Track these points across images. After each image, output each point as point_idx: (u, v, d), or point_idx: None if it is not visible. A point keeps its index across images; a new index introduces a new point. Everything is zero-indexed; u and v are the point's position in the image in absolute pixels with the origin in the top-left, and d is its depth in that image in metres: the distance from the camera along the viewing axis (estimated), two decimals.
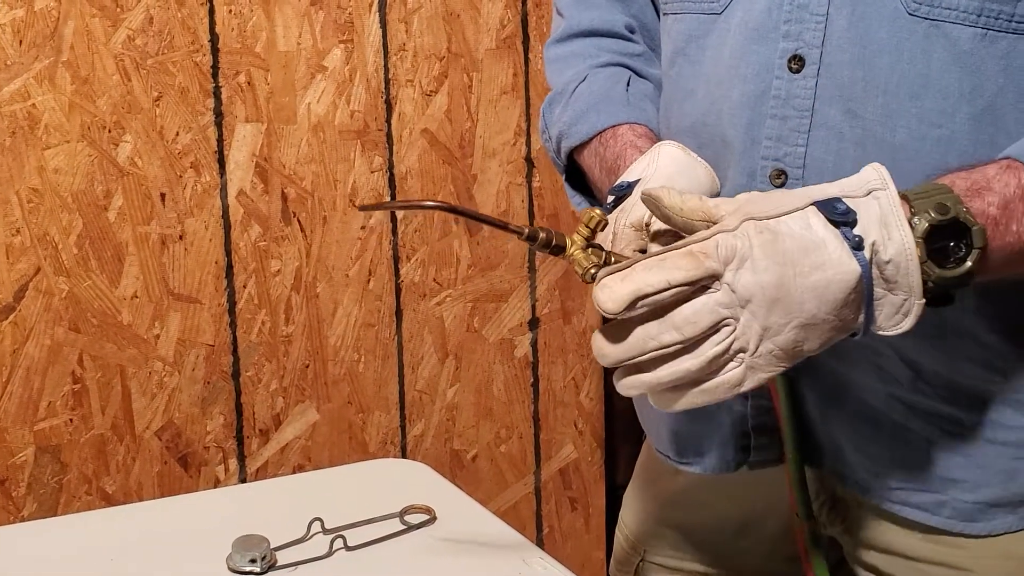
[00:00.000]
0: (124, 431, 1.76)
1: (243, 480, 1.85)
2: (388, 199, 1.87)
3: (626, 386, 0.85)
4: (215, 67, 1.74)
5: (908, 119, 0.93)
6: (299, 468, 1.88)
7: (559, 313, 2.03)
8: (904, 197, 0.86)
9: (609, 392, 2.11)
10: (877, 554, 1.07)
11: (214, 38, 1.74)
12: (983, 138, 0.93)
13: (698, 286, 0.82)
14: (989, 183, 0.87)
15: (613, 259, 0.89)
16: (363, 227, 1.86)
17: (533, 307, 2.02)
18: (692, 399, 0.85)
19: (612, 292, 0.82)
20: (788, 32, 0.97)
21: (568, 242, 0.89)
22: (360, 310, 1.89)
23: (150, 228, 1.74)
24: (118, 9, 1.67)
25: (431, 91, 1.88)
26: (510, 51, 1.92)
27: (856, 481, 1.04)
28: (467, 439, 2.00)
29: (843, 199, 0.85)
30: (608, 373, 2.10)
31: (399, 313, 1.92)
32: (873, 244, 0.83)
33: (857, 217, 0.84)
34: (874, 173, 0.87)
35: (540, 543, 2.06)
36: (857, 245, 0.83)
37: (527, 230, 0.89)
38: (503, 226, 0.90)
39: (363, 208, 0.96)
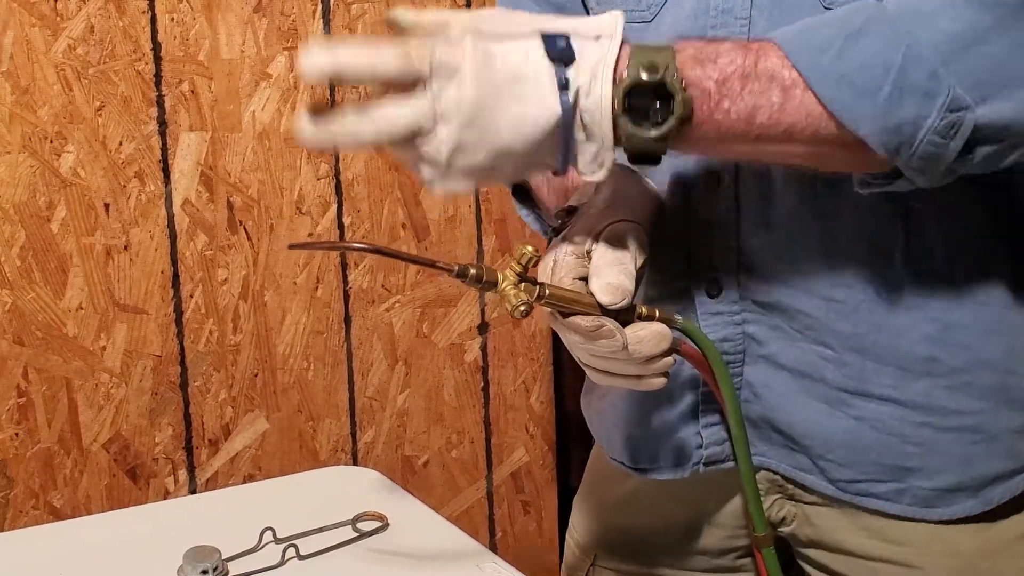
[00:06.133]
0: (71, 444, 1.75)
1: (193, 491, 1.83)
2: (335, 207, 1.87)
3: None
4: (158, 76, 1.73)
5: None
6: (250, 478, 1.87)
7: (508, 317, 2.03)
8: (631, 48, 0.85)
9: (560, 395, 2.12)
10: (827, 553, 1.08)
11: (156, 46, 1.72)
12: None
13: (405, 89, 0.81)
14: (717, 56, 0.86)
15: (547, 291, 0.89)
16: (310, 234, 1.85)
17: (482, 311, 2.02)
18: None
19: (313, 56, 0.80)
20: (715, 37, 0.98)
21: (500, 277, 0.89)
22: (308, 318, 1.88)
23: (94, 239, 1.72)
24: (58, 18, 1.66)
25: None
26: None
27: (815, 475, 1.05)
28: (418, 445, 2.00)
29: (571, 37, 0.84)
30: (559, 376, 2.11)
31: (348, 320, 1.91)
32: (578, 89, 0.83)
33: (576, 57, 0.83)
34: (610, 19, 0.86)
35: (493, 547, 2.06)
36: (563, 85, 0.82)
37: (456, 267, 0.87)
38: (431, 264, 0.89)
39: (293, 247, 0.95)
